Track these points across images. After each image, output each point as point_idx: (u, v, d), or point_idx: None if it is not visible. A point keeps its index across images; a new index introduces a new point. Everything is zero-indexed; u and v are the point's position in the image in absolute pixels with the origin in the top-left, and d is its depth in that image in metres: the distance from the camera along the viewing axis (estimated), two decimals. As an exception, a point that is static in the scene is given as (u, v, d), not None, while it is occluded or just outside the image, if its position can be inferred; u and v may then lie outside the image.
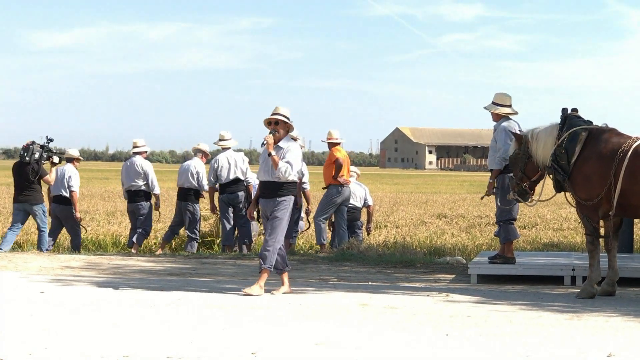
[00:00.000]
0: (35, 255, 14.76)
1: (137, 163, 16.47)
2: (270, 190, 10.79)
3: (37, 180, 15.87)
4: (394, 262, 13.90)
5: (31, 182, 15.83)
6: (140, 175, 16.40)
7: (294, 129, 11.15)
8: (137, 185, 16.42)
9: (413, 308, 9.69)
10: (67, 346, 7.49)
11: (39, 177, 15.85)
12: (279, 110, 11.00)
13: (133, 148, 16.80)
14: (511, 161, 11.51)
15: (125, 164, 16.74)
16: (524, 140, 11.28)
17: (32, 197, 15.86)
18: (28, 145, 15.93)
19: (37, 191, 15.91)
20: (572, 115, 11.05)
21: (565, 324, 8.75)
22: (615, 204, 10.48)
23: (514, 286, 11.55)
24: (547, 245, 18.02)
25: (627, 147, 10.50)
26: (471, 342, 7.82)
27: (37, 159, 15.75)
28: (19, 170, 15.98)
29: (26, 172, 15.83)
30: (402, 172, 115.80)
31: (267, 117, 10.96)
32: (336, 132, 16.26)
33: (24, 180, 15.89)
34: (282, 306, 9.78)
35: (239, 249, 16.25)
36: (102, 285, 11.39)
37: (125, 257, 14.86)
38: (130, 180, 16.44)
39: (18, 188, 16.03)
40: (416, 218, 24.96)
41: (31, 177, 15.79)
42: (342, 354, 7.36)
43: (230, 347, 7.50)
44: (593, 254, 10.71)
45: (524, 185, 11.36)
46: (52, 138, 16.05)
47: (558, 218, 25.19)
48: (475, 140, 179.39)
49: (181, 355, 7.15)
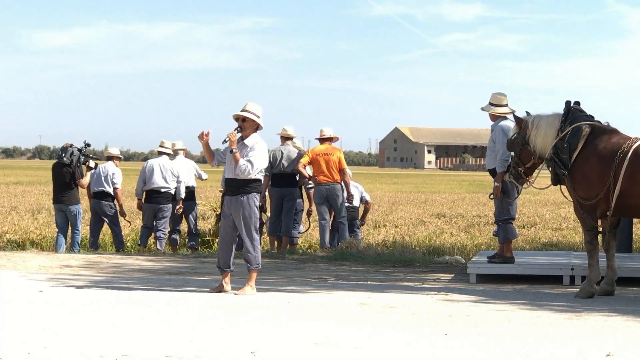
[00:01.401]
0: (35, 255, 14.75)
1: (173, 167, 16.50)
2: (234, 188, 10.76)
3: (73, 182, 16.04)
4: (393, 261, 13.90)
5: (68, 183, 16.03)
6: (174, 178, 16.43)
7: (262, 128, 10.97)
8: (168, 186, 16.42)
9: (412, 307, 9.69)
10: (66, 345, 7.48)
11: (75, 179, 16.02)
12: (247, 107, 10.84)
13: (160, 147, 16.81)
14: (508, 144, 11.50)
15: (156, 163, 16.57)
16: (523, 126, 11.26)
17: (67, 197, 16.07)
18: (66, 146, 16.17)
19: (74, 192, 16.12)
20: (575, 108, 11.04)
21: (565, 324, 8.75)
22: (614, 204, 10.48)
23: (513, 286, 11.55)
24: (546, 245, 18.04)
25: (627, 148, 10.49)
26: (470, 342, 7.82)
27: (75, 161, 15.93)
28: (57, 171, 16.22)
29: (63, 173, 16.05)
30: (401, 172, 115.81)
31: (236, 113, 10.86)
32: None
33: (60, 181, 16.13)
34: (281, 306, 9.77)
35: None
36: (102, 284, 11.39)
37: (125, 257, 14.86)
38: (164, 181, 16.42)
39: (56, 189, 16.28)
40: (415, 217, 24.97)
41: (66, 178, 16.03)
42: (342, 353, 7.36)
43: (229, 347, 7.49)
44: (592, 254, 10.71)
45: (520, 170, 11.36)
46: (89, 143, 16.26)
47: (557, 218, 25.21)
48: (474, 140, 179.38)
49: (180, 355, 7.15)
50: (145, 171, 16.57)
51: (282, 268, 13.37)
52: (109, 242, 18.15)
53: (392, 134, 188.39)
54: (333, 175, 15.52)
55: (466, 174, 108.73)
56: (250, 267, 10.80)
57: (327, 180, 15.49)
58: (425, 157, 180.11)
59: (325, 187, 15.50)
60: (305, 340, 7.83)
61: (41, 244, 17.63)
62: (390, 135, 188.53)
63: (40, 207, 26.69)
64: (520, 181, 11.43)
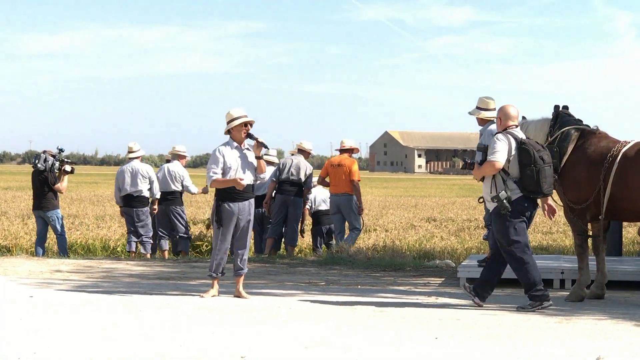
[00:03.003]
0: (24, 260, 14.73)
1: (142, 168, 16.44)
2: (249, 193, 10.93)
3: (48, 188, 16.01)
4: (383, 265, 13.91)
5: (43, 189, 16.02)
6: (145, 180, 16.40)
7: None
8: (140, 190, 16.39)
9: (402, 311, 9.70)
10: (56, 350, 7.47)
11: (51, 184, 15.98)
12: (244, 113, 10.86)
13: (129, 153, 16.77)
14: None
15: (126, 169, 16.56)
16: None
17: (44, 204, 16.06)
18: (39, 153, 16.24)
19: (51, 198, 16.09)
20: (563, 113, 11.06)
21: (555, 327, 8.77)
22: (604, 208, 10.50)
23: (503, 289, 11.57)
24: (537, 249, 18.04)
25: (616, 152, 10.52)
26: (460, 345, 7.83)
27: (50, 167, 15.94)
28: (33, 178, 16.25)
29: (39, 179, 16.08)
30: (392, 176, 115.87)
31: (247, 119, 10.81)
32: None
33: (37, 188, 16.15)
34: (271, 309, 9.77)
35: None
36: (92, 289, 11.37)
37: (115, 261, 14.85)
38: (135, 185, 16.39)
39: (34, 195, 16.30)
40: (405, 222, 24.99)
41: (42, 184, 16.00)
42: (332, 357, 7.36)
43: (219, 350, 7.49)
44: (582, 257, 10.74)
45: None
46: (62, 148, 16.26)
47: (547, 221, 25.23)
48: (464, 143, 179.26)
49: (171, 359, 7.15)
50: (117, 178, 16.60)
51: (273, 272, 13.37)
52: (99, 246, 18.10)
53: (382, 138, 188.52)
54: (344, 186, 15.80)
55: (456, 178, 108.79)
56: (244, 272, 10.86)
57: (338, 191, 15.84)
58: (415, 161, 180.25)
59: (336, 198, 15.86)
60: (296, 344, 7.83)
61: (31, 250, 17.57)
62: (381, 140, 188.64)
63: (30, 212, 26.60)
64: None
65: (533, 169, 9.79)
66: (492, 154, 9.88)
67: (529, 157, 9.83)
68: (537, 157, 9.83)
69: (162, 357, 7.24)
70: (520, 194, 9.88)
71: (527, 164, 9.83)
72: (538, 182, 9.81)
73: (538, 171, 9.81)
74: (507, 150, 9.87)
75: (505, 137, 9.93)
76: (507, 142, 9.90)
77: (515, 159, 9.88)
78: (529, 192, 9.87)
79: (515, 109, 10.16)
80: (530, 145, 9.90)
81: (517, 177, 9.88)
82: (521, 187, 9.86)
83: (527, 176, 9.83)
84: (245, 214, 10.79)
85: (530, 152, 9.83)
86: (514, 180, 9.88)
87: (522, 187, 9.87)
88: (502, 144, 9.88)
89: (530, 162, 9.81)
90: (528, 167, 9.82)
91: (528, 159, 9.83)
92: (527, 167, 9.83)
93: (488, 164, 9.89)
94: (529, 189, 9.86)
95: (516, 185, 9.87)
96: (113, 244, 18.44)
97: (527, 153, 9.83)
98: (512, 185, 9.87)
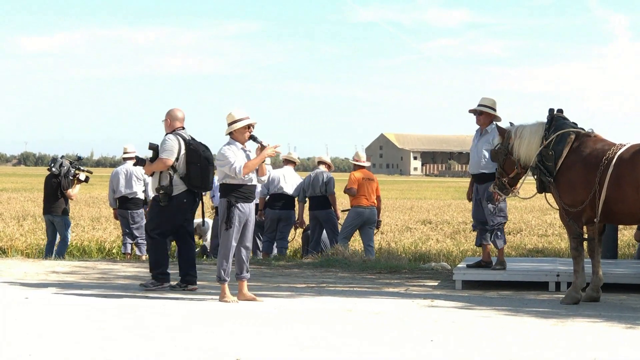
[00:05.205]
0: (20, 261, 14.71)
1: (136, 170, 16.37)
2: (254, 195, 10.94)
3: (60, 192, 16.08)
4: (378, 268, 13.91)
5: (55, 193, 16.10)
6: (140, 182, 16.37)
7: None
8: (135, 192, 16.36)
9: (398, 313, 9.70)
10: (51, 352, 7.47)
11: (62, 189, 16.06)
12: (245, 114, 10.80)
13: (124, 154, 16.74)
14: (492, 155, 11.54)
15: (120, 170, 16.53)
16: (506, 136, 11.31)
17: (54, 208, 16.14)
18: (56, 157, 16.33)
19: (61, 203, 16.15)
20: (558, 116, 11.08)
21: (550, 330, 8.78)
22: (600, 211, 10.51)
23: (499, 292, 11.58)
24: (532, 251, 18.10)
25: (612, 154, 10.53)
26: (456, 347, 7.84)
27: (65, 173, 15.95)
28: (46, 182, 16.33)
29: (51, 183, 16.15)
30: (387, 178, 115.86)
31: (250, 121, 10.76)
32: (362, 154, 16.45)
33: (48, 191, 16.23)
34: (267, 311, 9.78)
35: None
36: (87, 291, 11.36)
37: (110, 263, 14.84)
38: (130, 187, 16.37)
39: (45, 199, 16.37)
40: (401, 224, 25.01)
41: (54, 188, 16.10)
42: (327, 358, 7.37)
43: (214, 352, 7.49)
44: (578, 260, 10.74)
45: (504, 180, 11.39)
46: (81, 156, 16.46)
47: (543, 224, 25.28)
48: (460, 146, 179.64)
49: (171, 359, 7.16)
50: (111, 180, 16.58)
51: (268, 275, 13.37)
52: (94, 248, 18.09)
53: (377, 140, 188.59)
54: (374, 199, 15.98)
55: (452, 181, 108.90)
56: (248, 276, 10.84)
57: (369, 204, 15.93)
58: (411, 163, 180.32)
59: (367, 210, 15.90)
60: (291, 345, 7.84)
61: (27, 251, 17.57)
62: (376, 142, 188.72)
63: (25, 214, 26.62)
64: (505, 191, 11.46)
65: (199, 166, 11.26)
66: (163, 152, 11.24)
67: (196, 156, 11.27)
68: (203, 156, 11.27)
69: (156, 358, 7.24)
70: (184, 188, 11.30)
71: (194, 162, 11.25)
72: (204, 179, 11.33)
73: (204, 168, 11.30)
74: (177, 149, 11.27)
75: (175, 138, 11.28)
76: (177, 142, 11.26)
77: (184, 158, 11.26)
78: (193, 187, 11.34)
79: (182, 112, 11.58)
80: (197, 145, 11.32)
81: (183, 173, 11.26)
82: (187, 182, 11.28)
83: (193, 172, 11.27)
84: (253, 216, 10.78)
85: (197, 152, 11.26)
86: (180, 176, 11.27)
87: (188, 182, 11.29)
88: (172, 142, 11.26)
89: (197, 160, 11.24)
90: (194, 165, 11.26)
91: (196, 157, 11.27)
92: (193, 165, 11.27)
93: (159, 161, 11.27)
94: (193, 184, 11.31)
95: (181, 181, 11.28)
96: (108, 245, 18.45)
97: (194, 152, 11.27)
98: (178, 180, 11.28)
